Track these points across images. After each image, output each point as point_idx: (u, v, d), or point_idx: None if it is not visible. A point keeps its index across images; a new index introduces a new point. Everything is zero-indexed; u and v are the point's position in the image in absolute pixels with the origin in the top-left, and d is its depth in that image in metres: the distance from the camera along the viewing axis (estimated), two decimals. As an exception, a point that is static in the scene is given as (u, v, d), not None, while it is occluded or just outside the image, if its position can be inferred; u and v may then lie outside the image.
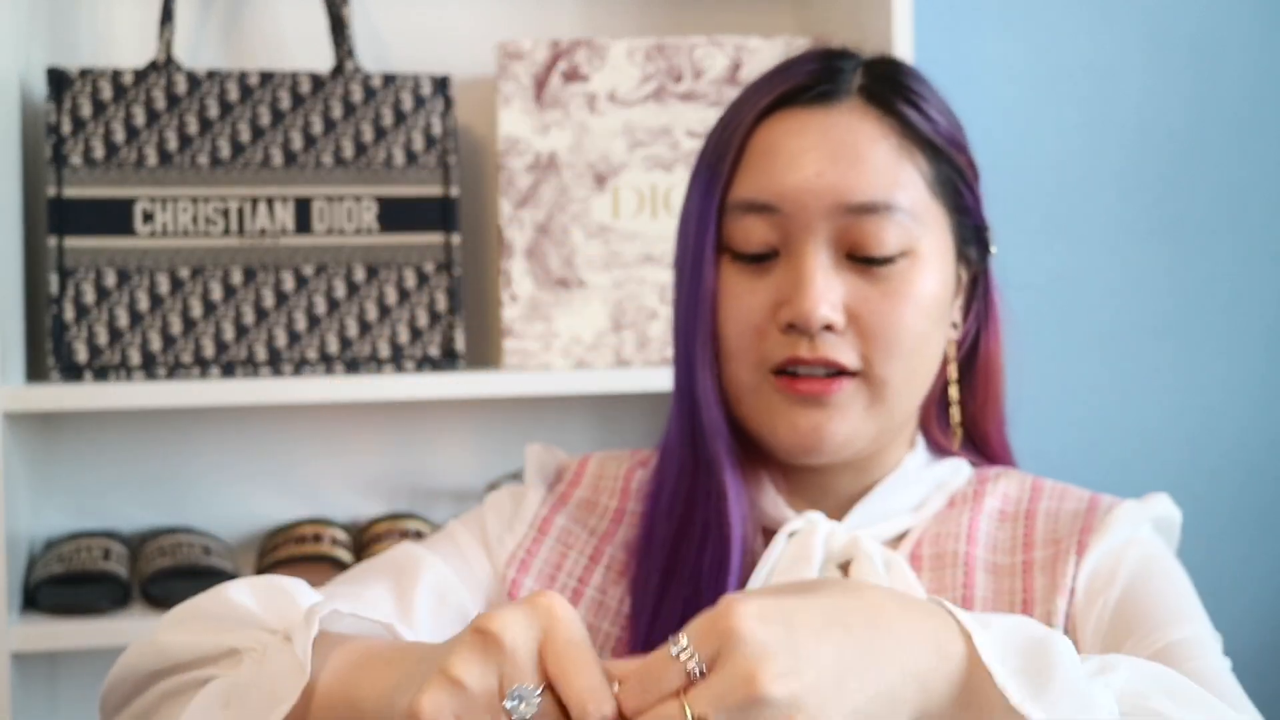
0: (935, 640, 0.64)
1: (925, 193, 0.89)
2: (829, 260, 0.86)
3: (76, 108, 1.51)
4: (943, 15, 1.82)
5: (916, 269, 0.87)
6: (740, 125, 0.89)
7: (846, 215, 0.85)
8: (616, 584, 0.93)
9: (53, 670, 1.63)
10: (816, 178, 0.86)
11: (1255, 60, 1.93)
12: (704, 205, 0.89)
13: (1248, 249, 1.93)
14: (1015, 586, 0.88)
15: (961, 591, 0.88)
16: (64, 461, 1.64)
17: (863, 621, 0.63)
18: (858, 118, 0.88)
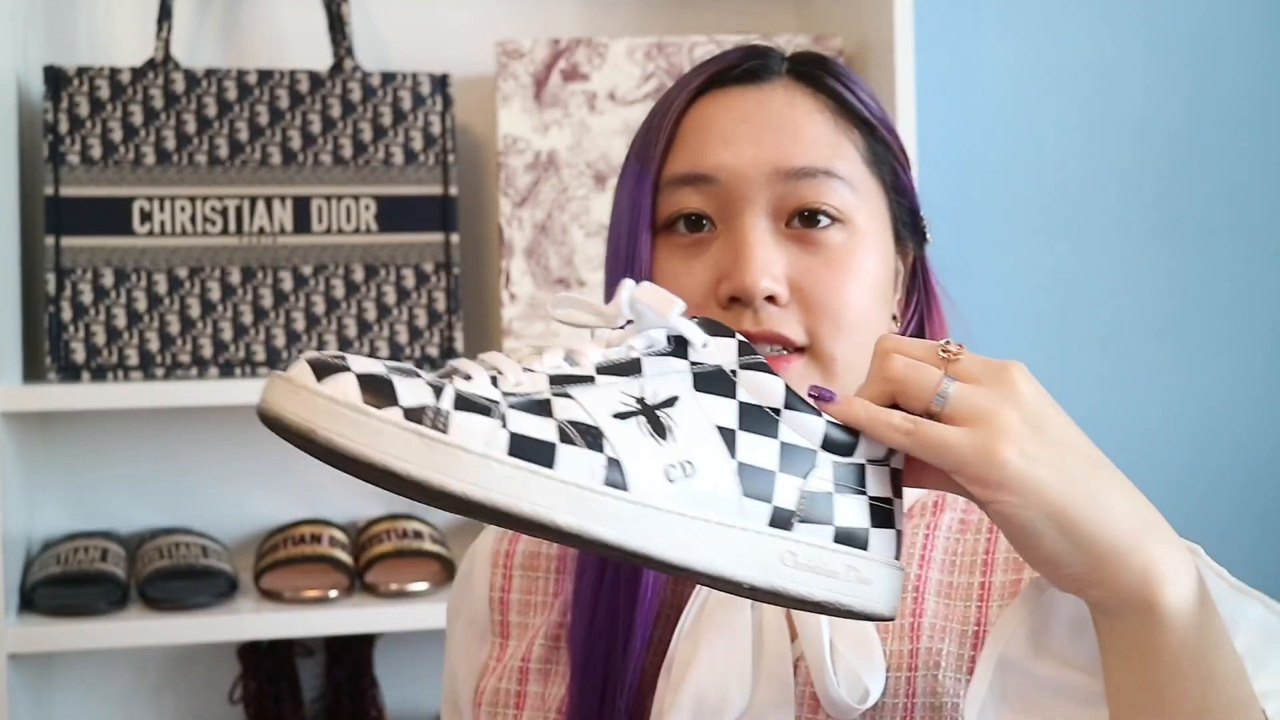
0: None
1: (862, 167, 0.85)
2: (769, 230, 0.82)
3: (74, 106, 1.51)
4: (943, 15, 1.82)
5: (857, 242, 0.83)
6: (670, 110, 0.86)
7: (785, 181, 0.82)
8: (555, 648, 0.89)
9: (50, 671, 1.62)
10: (753, 146, 0.83)
11: (1255, 60, 1.93)
12: (636, 188, 0.85)
13: (1248, 248, 1.93)
14: (969, 614, 0.80)
15: (910, 620, 0.81)
16: (61, 462, 1.63)
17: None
18: (791, 92, 0.86)
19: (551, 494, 0.59)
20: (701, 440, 0.63)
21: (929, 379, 0.64)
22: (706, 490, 0.63)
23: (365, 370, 0.58)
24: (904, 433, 0.64)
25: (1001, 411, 0.63)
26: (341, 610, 1.50)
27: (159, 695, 1.67)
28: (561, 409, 0.61)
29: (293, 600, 1.50)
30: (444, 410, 0.58)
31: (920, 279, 0.91)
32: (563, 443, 0.60)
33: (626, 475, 0.61)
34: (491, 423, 0.59)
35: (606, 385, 0.63)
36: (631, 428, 0.62)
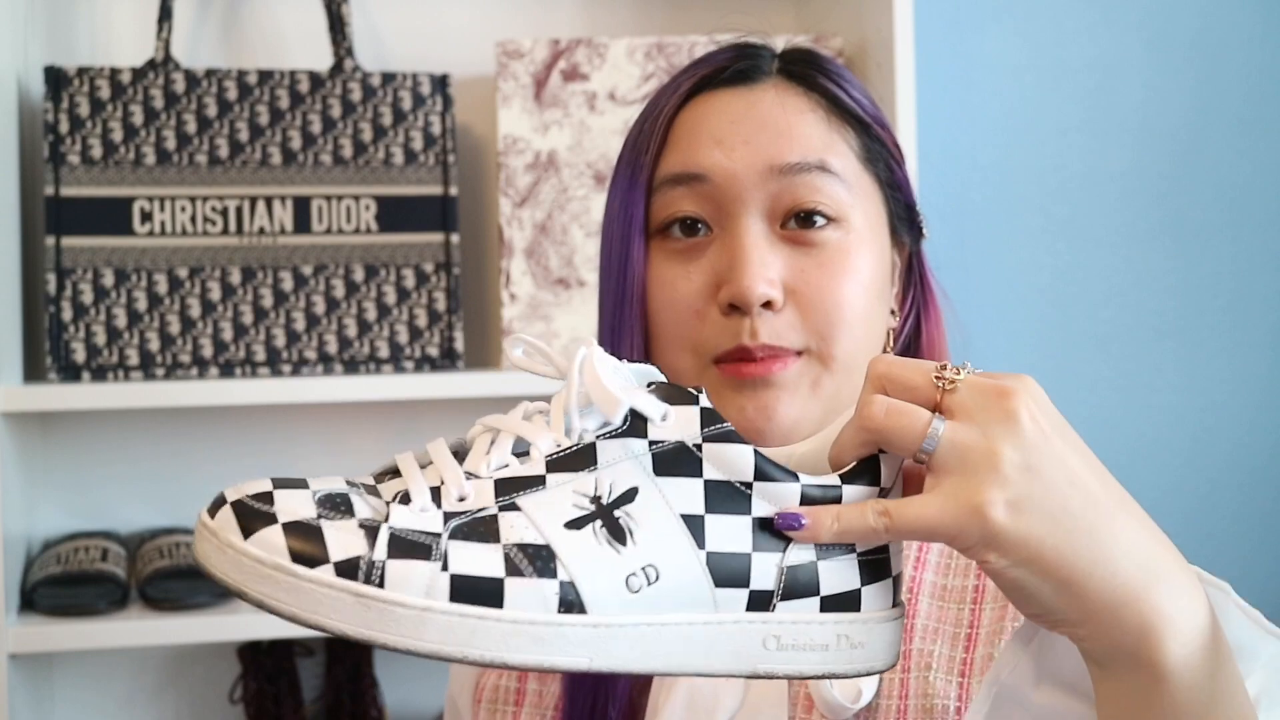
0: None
1: (856, 164, 0.84)
2: (764, 234, 0.81)
3: (74, 106, 1.51)
4: (943, 14, 1.82)
5: (852, 241, 0.82)
6: (662, 112, 0.85)
7: (779, 179, 0.81)
8: None
9: (50, 671, 1.62)
10: (745, 145, 0.82)
11: (1255, 60, 1.93)
12: (628, 192, 0.84)
13: (1249, 248, 1.93)
14: (962, 616, 0.80)
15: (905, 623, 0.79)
16: (61, 462, 1.63)
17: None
18: (782, 92, 0.85)
19: (502, 636, 0.56)
20: (665, 537, 0.59)
21: (915, 425, 0.59)
22: (674, 591, 0.59)
23: (293, 518, 0.56)
24: (883, 530, 0.59)
25: (993, 455, 0.57)
26: (341, 610, 1.50)
27: (159, 695, 1.67)
28: (508, 528, 0.57)
29: (293, 600, 1.50)
30: (378, 561, 0.55)
31: (916, 274, 0.90)
32: (510, 575, 0.56)
33: (584, 597, 0.57)
34: (431, 567, 0.55)
35: (558, 486, 0.59)
36: (587, 539, 0.58)
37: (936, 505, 0.58)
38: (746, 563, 0.60)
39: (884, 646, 0.62)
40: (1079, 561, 0.57)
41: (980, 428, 0.58)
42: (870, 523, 0.59)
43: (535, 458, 0.60)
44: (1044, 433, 0.58)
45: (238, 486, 0.58)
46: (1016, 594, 0.59)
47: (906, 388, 0.60)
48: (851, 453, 0.61)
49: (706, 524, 0.59)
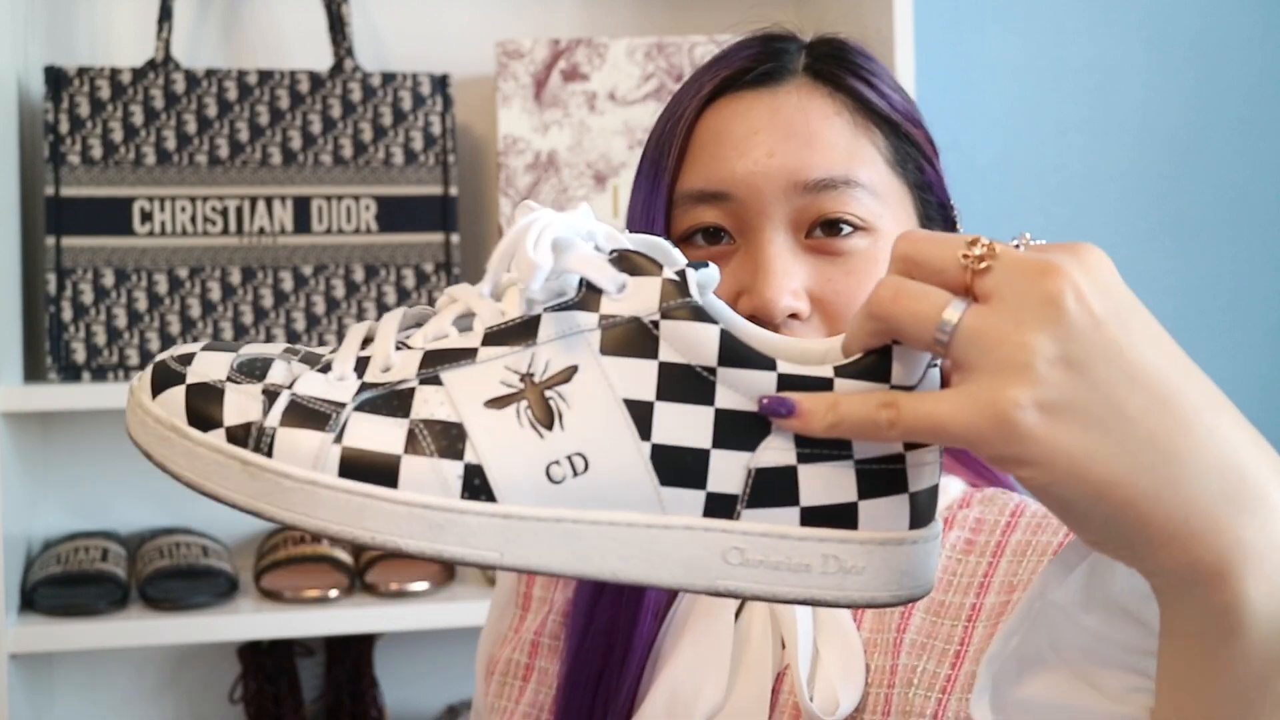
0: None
1: (885, 169, 0.81)
2: (788, 244, 0.78)
3: (74, 107, 1.51)
4: (943, 14, 1.82)
5: (880, 248, 0.79)
6: (683, 116, 0.82)
7: (804, 195, 0.78)
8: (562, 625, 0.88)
9: (50, 671, 1.62)
10: (768, 158, 0.79)
11: (1255, 60, 1.93)
12: (650, 201, 0.82)
13: (1249, 248, 1.93)
14: (954, 634, 0.76)
15: (894, 635, 0.78)
16: (62, 462, 1.63)
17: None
18: (806, 95, 0.81)
19: (394, 518, 0.51)
20: (600, 423, 0.51)
21: (927, 309, 0.49)
22: (605, 487, 0.51)
23: (200, 379, 0.52)
24: (886, 424, 0.50)
25: (1022, 346, 0.46)
26: (341, 610, 1.50)
27: (159, 695, 1.67)
28: (421, 403, 0.52)
29: (293, 600, 1.50)
30: (268, 428, 0.51)
31: None
32: (408, 453, 0.51)
33: (492, 483, 0.51)
34: (323, 438, 0.51)
35: (488, 361, 0.52)
36: (507, 419, 0.51)
37: (951, 402, 0.47)
38: (704, 460, 0.52)
39: (893, 575, 0.52)
40: (1139, 479, 0.47)
41: (1012, 313, 0.47)
42: (872, 415, 0.50)
43: (475, 330, 0.54)
44: (1094, 318, 0.47)
45: (173, 348, 0.56)
46: (1065, 515, 0.49)
47: (933, 269, 0.50)
48: (859, 342, 0.52)
49: (656, 412, 0.52)
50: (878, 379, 0.51)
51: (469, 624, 1.46)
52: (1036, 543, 0.78)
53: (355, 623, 1.53)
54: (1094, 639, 0.56)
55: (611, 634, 0.82)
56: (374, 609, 1.51)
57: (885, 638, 0.78)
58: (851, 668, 0.76)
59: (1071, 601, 0.56)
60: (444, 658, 1.69)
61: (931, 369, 0.52)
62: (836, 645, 0.77)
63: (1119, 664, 0.56)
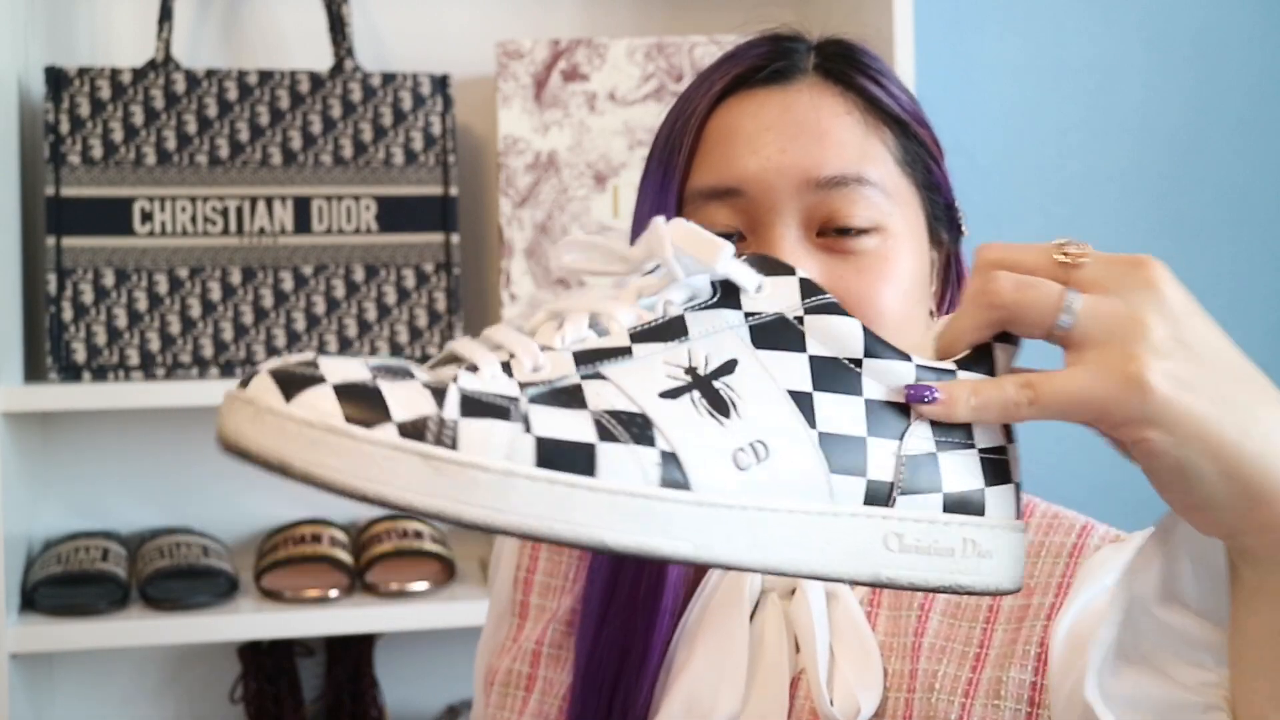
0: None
1: (895, 169, 0.81)
2: (799, 242, 0.78)
3: (75, 107, 1.51)
4: (943, 14, 1.82)
5: (890, 247, 0.79)
6: (693, 114, 0.82)
7: (815, 192, 0.78)
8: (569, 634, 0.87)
9: (50, 671, 1.62)
10: (780, 155, 0.78)
11: (1255, 60, 1.93)
12: (660, 199, 0.81)
13: (1249, 248, 1.93)
14: (973, 635, 0.76)
15: (912, 639, 0.77)
16: (62, 462, 1.63)
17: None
18: (818, 94, 0.81)
19: (598, 509, 0.48)
20: (773, 412, 0.52)
21: (1048, 297, 0.53)
22: (787, 474, 0.52)
23: (343, 379, 0.48)
24: (1026, 403, 0.53)
25: (1142, 323, 0.52)
26: (342, 610, 1.50)
27: (159, 695, 1.67)
28: (596, 395, 0.50)
29: (293, 600, 1.50)
30: (449, 420, 0.47)
31: (955, 273, 0.87)
32: (603, 440, 0.49)
33: (687, 471, 0.50)
34: (512, 428, 0.48)
35: (646, 356, 0.52)
36: (685, 408, 0.51)
37: (1086, 375, 0.52)
38: (862, 448, 0.53)
39: (1010, 561, 0.56)
40: (1248, 442, 0.52)
41: (1121, 298, 0.53)
42: (1012, 395, 0.54)
43: (616, 331, 0.53)
44: (1187, 308, 0.54)
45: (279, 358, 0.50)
46: (1177, 479, 0.53)
47: (1026, 270, 0.54)
48: (968, 337, 0.56)
49: (816, 402, 0.53)
50: (986, 373, 0.55)
51: (469, 624, 1.46)
52: (1049, 543, 0.78)
53: (355, 623, 1.53)
54: (1169, 633, 0.59)
55: (627, 640, 0.81)
56: (374, 609, 1.51)
57: (902, 641, 0.77)
58: (869, 670, 0.76)
59: (1150, 595, 0.59)
60: (444, 658, 1.69)
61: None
62: (852, 648, 0.76)
63: (1188, 658, 0.59)
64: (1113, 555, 0.75)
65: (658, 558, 0.49)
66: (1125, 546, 0.76)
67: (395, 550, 1.55)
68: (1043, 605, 0.75)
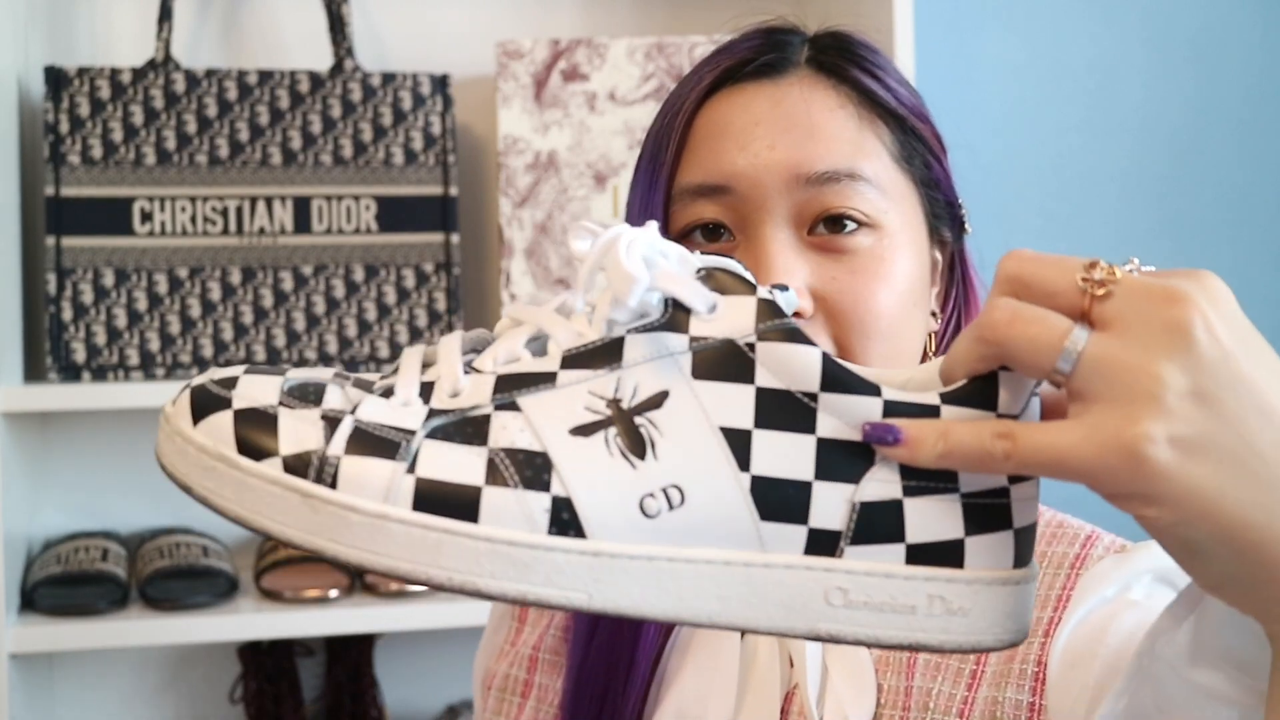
0: None
1: (891, 164, 0.77)
2: (790, 241, 0.75)
3: (74, 107, 1.51)
4: (943, 14, 1.82)
5: (886, 245, 0.75)
6: (682, 109, 0.79)
7: (806, 188, 0.74)
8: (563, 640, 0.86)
9: (50, 671, 1.62)
10: (769, 151, 0.75)
11: (1255, 60, 1.93)
12: (649, 197, 0.78)
13: (1249, 248, 1.93)
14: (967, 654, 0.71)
15: (906, 655, 0.75)
16: (62, 462, 1.63)
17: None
18: (809, 87, 0.78)
19: (475, 556, 0.46)
20: (696, 453, 0.48)
21: (1048, 335, 0.45)
22: (703, 522, 0.48)
23: (248, 404, 0.48)
24: (1001, 456, 0.46)
25: (1153, 377, 0.44)
26: (341, 610, 1.50)
27: (159, 695, 1.67)
28: (501, 430, 0.47)
29: (293, 600, 1.50)
30: (332, 457, 0.47)
31: (959, 272, 0.84)
32: (490, 484, 0.47)
33: (581, 517, 0.47)
34: (394, 468, 0.46)
35: (570, 385, 0.48)
36: (595, 448, 0.47)
37: (1076, 435, 0.44)
38: (806, 494, 0.48)
39: (997, 617, 0.49)
40: (1272, 520, 0.44)
41: (1138, 342, 0.44)
42: (986, 445, 0.46)
43: (552, 353, 0.49)
44: (1224, 350, 0.44)
45: (209, 372, 0.51)
46: (1186, 558, 0.47)
47: (1046, 293, 0.47)
48: (964, 368, 0.48)
49: (754, 441, 0.48)
50: (983, 406, 0.48)
51: (469, 624, 1.46)
52: (1052, 554, 0.76)
53: (355, 623, 1.53)
54: (1202, 695, 0.53)
55: (615, 648, 0.80)
56: (374, 609, 1.51)
57: (898, 657, 0.76)
58: (862, 685, 0.74)
59: (1179, 657, 0.53)
60: (444, 658, 1.69)
61: (1033, 397, 0.49)
62: (846, 662, 0.75)
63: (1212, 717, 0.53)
64: (1113, 568, 0.73)
65: (550, 606, 0.47)
66: (1127, 558, 0.74)
67: (395, 550, 1.55)
68: (1040, 621, 0.72)
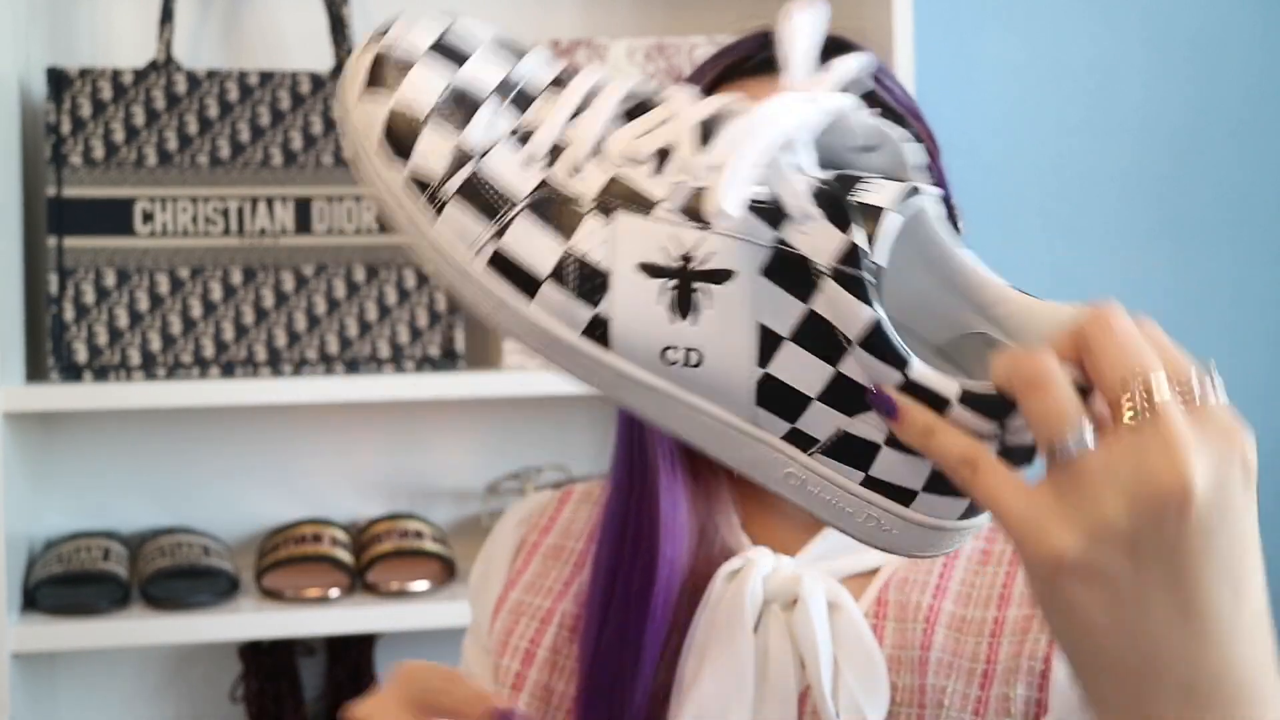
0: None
1: None
2: None
3: (76, 107, 1.51)
4: (943, 14, 1.82)
5: None
6: None
7: None
8: (569, 641, 0.87)
9: (52, 670, 1.63)
10: None
11: (1255, 60, 1.93)
12: None
13: (1248, 249, 1.93)
14: (979, 651, 0.76)
15: (917, 653, 0.76)
16: (64, 462, 1.63)
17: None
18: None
19: (520, 325, 0.53)
20: (728, 335, 0.52)
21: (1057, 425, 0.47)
22: (708, 384, 0.52)
23: (404, 103, 0.52)
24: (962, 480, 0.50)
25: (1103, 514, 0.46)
26: (342, 610, 1.51)
27: (160, 694, 1.67)
28: (585, 234, 0.52)
29: (294, 600, 1.50)
30: (443, 194, 0.52)
31: None
32: (551, 279, 0.52)
33: (611, 335, 0.52)
34: (484, 229, 0.52)
35: (659, 220, 0.52)
36: (650, 289, 0.52)
37: (1020, 502, 0.48)
38: (804, 404, 0.52)
39: (916, 544, 0.54)
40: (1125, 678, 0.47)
41: (1117, 476, 0.46)
42: (952, 463, 0.50)
43: (665, 175, 0.53)
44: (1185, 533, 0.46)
45: (410, 22, 0.54)
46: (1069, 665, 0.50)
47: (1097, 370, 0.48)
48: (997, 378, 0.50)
49: (782, 347, 0.51)
50: (995, 417, 0.50)
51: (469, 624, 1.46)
52: None
53: (356, 622, 1.53)
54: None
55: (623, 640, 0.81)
56: (375, 609, 1.51)
57: (910, 655, 0.77)
58: (874, 681, 0.75)
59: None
60: (445, 657, 1.68)
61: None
62: (857, 659, 0.76)
63: None
64: None
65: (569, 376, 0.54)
66: None
67: (396, 550, 1.55)
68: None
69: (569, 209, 0.52)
